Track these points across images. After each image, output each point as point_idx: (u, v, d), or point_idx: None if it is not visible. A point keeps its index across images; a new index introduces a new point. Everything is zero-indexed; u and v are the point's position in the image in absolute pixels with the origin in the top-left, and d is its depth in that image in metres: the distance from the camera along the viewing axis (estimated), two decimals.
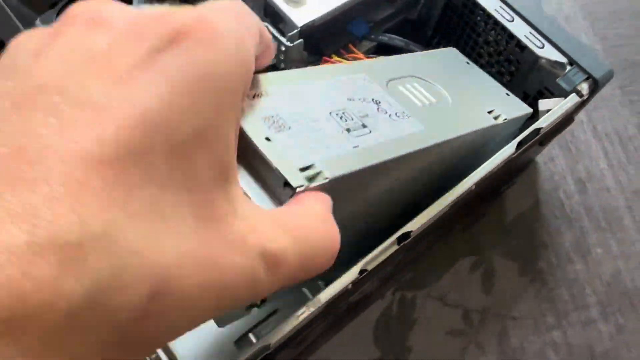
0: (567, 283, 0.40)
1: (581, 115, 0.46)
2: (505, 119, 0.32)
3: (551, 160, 0.44)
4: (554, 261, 0.41)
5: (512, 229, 0.42)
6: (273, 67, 0.38)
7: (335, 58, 0.36)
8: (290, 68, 0.37)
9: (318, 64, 0.37)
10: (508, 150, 0.32)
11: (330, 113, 0.25)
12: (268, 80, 0.24)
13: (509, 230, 0.42)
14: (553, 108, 0.34)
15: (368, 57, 0.37)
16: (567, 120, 0.36)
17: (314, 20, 0.35)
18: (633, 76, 0.49)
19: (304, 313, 0.27)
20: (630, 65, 0.49)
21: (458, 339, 0.38)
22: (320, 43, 0.36)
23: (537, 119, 0.34)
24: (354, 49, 0.38)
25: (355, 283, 0.29)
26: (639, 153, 0.45)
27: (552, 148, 0.45)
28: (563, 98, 0.35)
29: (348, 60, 0.37)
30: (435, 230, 0.34)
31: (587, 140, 0.46)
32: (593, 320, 0.39)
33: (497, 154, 0.32)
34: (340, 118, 0.25)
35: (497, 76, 0.38)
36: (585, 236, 0.42)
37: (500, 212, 0.42)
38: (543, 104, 0.35)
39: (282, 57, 0.36)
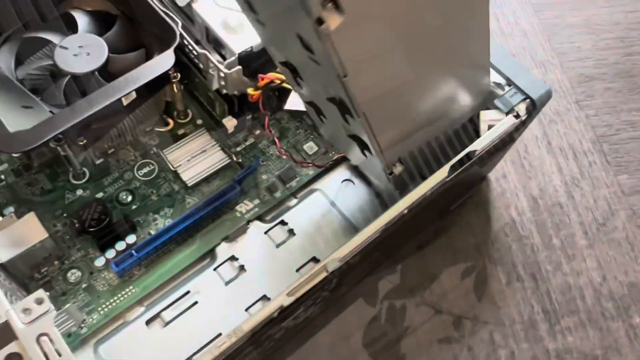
0: (514, 300, 0.40)
1: (535, 131, 0.47)
2: None
3: (503, 177, 0.44)
4: (502, 279, 0.41)
5: (460, 248, 0.42)
6: (217, 92, 0.38)
7: (271, 74, 0.36)
8: (232, 93, 0.37)
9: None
10: (441, 174, 0.33)
11: None
12: None
13: (458, 250, 0.42)
14: (495, 124, 0.34)
15: None
16: (507, 140, 0.36)
17: (252, 47, 0.35)
18: (589, 91, 0.49)
19: (225, 343, 0.27)
20: (586, 79, 0.49)
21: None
22: (260, 69, 0.36)
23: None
24: None
25: (283, 311, 0.29)
26: (594, 168, 0.45)
27: (505, 164, 0.45)
28: (504, 114, 0.35)
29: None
30: (374, 252, 0.34)
31: (541, 156, 0.46)
32: (540, 338, 0.39)
33: (429, 178, 0.32)
34: None
35: None
36: (535, 254, 0.42)
37: (449, 233, 0.42)
38: (485, 114, 0.35)
39: (223, 83, 0.36)
